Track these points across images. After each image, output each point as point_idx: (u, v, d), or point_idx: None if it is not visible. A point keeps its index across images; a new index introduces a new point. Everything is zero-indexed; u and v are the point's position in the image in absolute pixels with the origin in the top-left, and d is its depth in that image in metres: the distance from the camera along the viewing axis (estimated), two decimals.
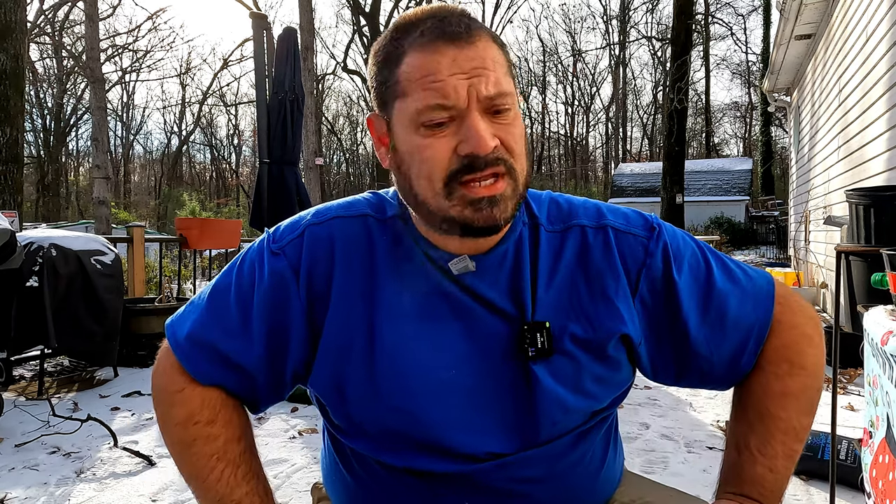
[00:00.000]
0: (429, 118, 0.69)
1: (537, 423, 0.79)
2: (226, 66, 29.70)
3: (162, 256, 7.85)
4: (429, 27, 0.71)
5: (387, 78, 0.73)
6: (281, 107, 4.09)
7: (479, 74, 0.69)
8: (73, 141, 32.46)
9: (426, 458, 0.80)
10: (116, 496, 2.25)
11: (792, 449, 0.84)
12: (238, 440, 0.81)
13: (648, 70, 43.12)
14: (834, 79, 6.23)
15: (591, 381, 0.80)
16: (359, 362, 0.78)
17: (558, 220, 0.84)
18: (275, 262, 0.80)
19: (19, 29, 6.31)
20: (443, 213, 0.72)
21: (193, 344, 0.80)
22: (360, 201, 0.85)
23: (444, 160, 0.70)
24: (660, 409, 3.25)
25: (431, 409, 0.78)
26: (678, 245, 0.84)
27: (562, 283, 0.80)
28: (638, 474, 1.04)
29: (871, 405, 1.46)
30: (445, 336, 0.78)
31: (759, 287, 0.85)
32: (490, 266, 0.79)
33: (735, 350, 0.83)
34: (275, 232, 0.83)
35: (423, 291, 0.79)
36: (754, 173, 25.52)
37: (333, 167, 37.66)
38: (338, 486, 0.91)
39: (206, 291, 0.84)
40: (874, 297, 2.88)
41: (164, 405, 0.82)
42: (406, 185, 0.74)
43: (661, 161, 16.45)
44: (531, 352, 0.77)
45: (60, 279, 3.47)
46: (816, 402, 0.86)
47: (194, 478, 0.80)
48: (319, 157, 10.42)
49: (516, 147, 0.72)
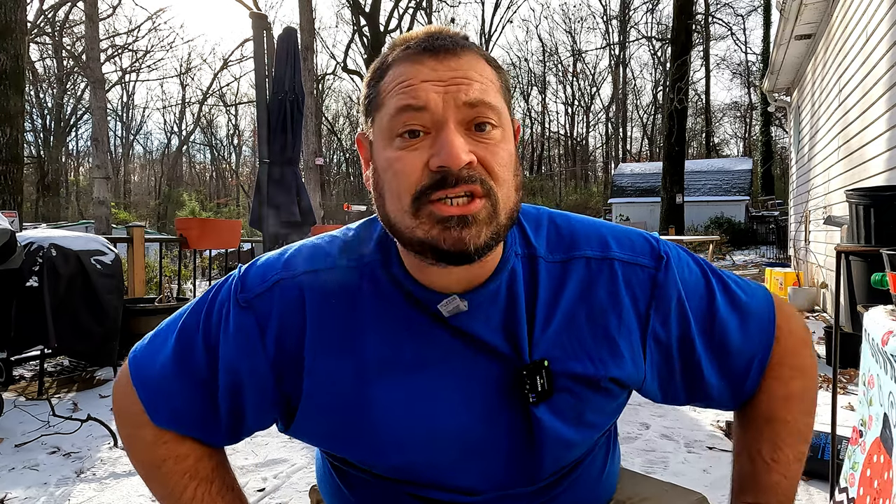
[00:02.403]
0: (400, 123, 0.65)
1: (541, 462, 0.77)
2: (226, 66, 29.72)
3: (162, 256, 7.84)
4: (416, 42, 0.68)
5: (371, 91, 0.70)
6: (281, 107, 4.09)
7: (459, 83, 0.64)
8: (73, 141, 32.51)
9: (427, 491, 0.79)
10: (116, 496, 2.25)
11: (801, 451, 0.85)
12: (209, 456, 0.79)
13: (648, 70, 43.16)
14: (834, 79, 6.23)
15: (593, 412, 0.78)
16: (350, 421, 0.74)
17: (559, 248, 0.78)
18: (241, 316, 0.73)
19: (19, 29, 6.31)
20: (409, 234, 0.65)
21: (158, 393, 0.76)
22: (332, 248, 0.77)
23: (413, 174, 0.64)
24: (660, 409, 3.24)
25: (431, 459, 0.75)
26: (685, 274, 0.81)
27: (563, 318, 0.75)
28: (632, 471, 1.04)
29: (865, 405, 1.46)
30: (438, 383, 0.73)
31: (761, 310, 0.84)
32: (482, 303, 0.72)
33: (740, 375, 0.83)
34: (244, 277, 0.76)
35: (411, 341, 0.73)
36: (754, 173, 25.51)
37: (333, 167, 37.64)
38: (333, 496, 0.90)
39: (172, 327, 0.79)
40: (874, 297, 2.87)
41: (129, 427, 0.79)
42: (381, 206, 0.69)
43: (661, 161, 16.46)
44: (532, 398, 0.73)
45: (60, 279, 3.46)
46: (816, 402, 0.88)
47: (167, 498, 0.78)
48: (319, 157, 10.42)
49: (498, 170, 0.65)
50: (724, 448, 2.66)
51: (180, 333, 0.77)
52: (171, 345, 0.77)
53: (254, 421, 0.77)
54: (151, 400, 0.76)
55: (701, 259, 0.86)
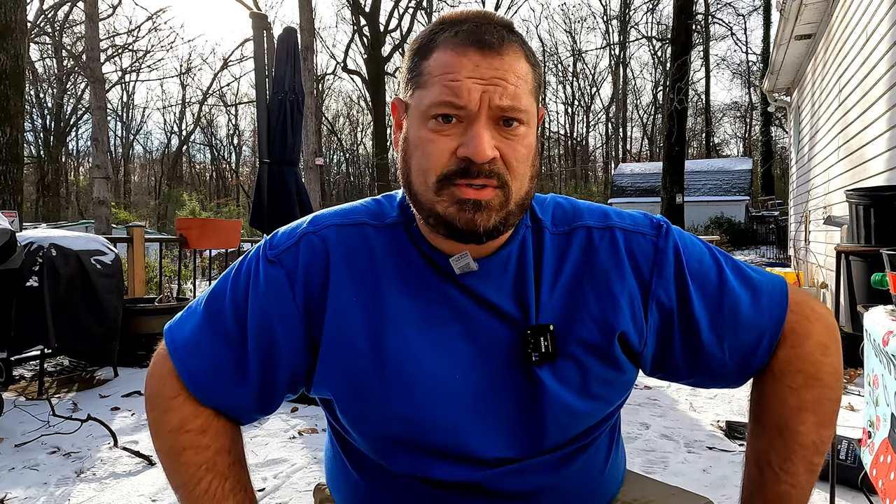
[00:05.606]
0: (438, 112, 0.70)
1: (544, 428, 0.78)
2: (226, 66, 29.68)
3: (162, 256, 7.84)
4: (465, 29, 0.72)
5: (414, 66, 0.74)
6: (281, 107, 4.09)
7: (497, 84, 0.69)
8: (73, 141, 32.53)
9: (431, 461, 0.79)
10: (116, 496, 2.25)
11: (813, 463, 0.82)
12: (228, 451, 0.81)
13: (648, 70, 43.14)
14: (834, 79, 6.23)
15: (598, 384, 0.79)
16: (364, 372, 0.77)
17: (563, 222, 0.83)
18: (271, 269, 0.79)
19: (19, 29, 6.31)
20: (430, 207, 0.72)
21: (190, 351, 0.79)
22: (357, 209, 0.84)
23: (442, 158, 0.71)
24: (660, 409, 3.25)
25: (437, 415, 0.77)
26: (686, 244, 0.83)
27: (567, 286, 0.79)
28: (640, 473, 1.04)
29: (872, 405, 1.45)
30: (450, 342, 0.78)
31: (771, 285, 0.83)
32: (493, 269, 0.78)
33: (748, 349, 0.82)
34: (272, 239, 0.83)
35: (426, 297, 0.78)
36: (754, 173, 25.52)
37: (333, 167, 37.65)
38: (342, 485, 0.91)
39: (203, 297, 0.84)
40: (874, 297, 2.88)
41: (157, 410, 0.81)
42: (405, 172, 0.75)
43: (661, 161, 16.45)
44: (535, 356, 0.76)
45: (60, 279, 3.46)
46: (836, 413, 0.84)
47: (181, 487, 0.80)
48: (319, 157, 10.42)
49: (516, 165, 0.72)
50: (724, 448, 2.66)
51: (210, 298, 0.82)
52: (202, 310, 0.82)
53: (285, 378, 0.80)
54: (183, 360, 0.79)
55: (708, 243, 0.87)
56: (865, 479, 1.73)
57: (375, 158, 26.54)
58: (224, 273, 0.85)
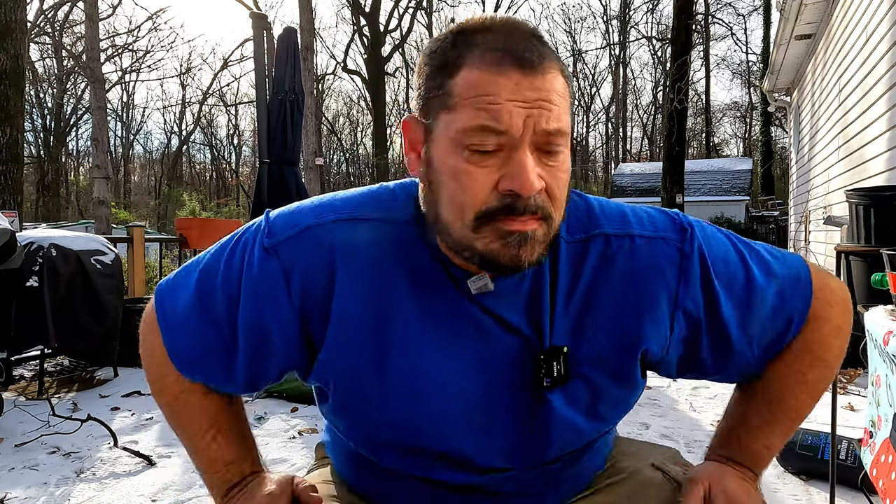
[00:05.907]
0: (475, 141, 0.63)
1: (547, 446, 0.78)
2: (226, 66, 29.68)
3: (162, 256, 7.85)
4: (494, 43, 0.64)
5: (438, 85, 0.66)
6: (281, 107, 4.09)
7: (541, 107, 0.63)
8: (73, 141, 32.45)
9: (431, 462, 0.78)
10: (116, 496, 2.25)
11: (792, 429, 0.84)
12: (229, 403, 0.84)
13: (648, 70, 43.09)
14: (834, 79, 6.23)
15: (607, 404, 0.78)
16: (367, 374, 0.74)
17: (578, 228, 0.77)
18: (266, 261, 0.72)
19: (19, 29, 6.31)
20: (467, 243, 0.66)
21: (179, 331, 0.77)
22: (368, 200, 0.77)
23: (482, 193, 0.64)
24: (660, 409, 3.25)
25: (435, 420, 0.75)
26: (711, 243, 0.79)
27: (583, 300, 0.75)
28: None
29: (874, 405, 1.45)
30: (457, 350, 0.74)
31: (796, 273, 0.81)
32: (508, 287, 0.73)
33: (773, 341, 0.81)
34: (270, 221, 0.76)
35: (437, 305, 0.73)
36: (754, 173, 25.50)
37: (333, 167, 37.62)
38: (339, 455, 0.91)
39: (196, 266, 0.78)
40: (874, 297, 2.87)
41: (154, 368, 0.81)
42: (432, 202, 0.69)
43: (661, 161, 16.43)
44: (546, 382, 0.73)
45: (60, 279, 3.46)
46: (826, 389, 0.85)
47: (186, 438, 0.83)
48: (319, 157, 10.42)
49: (559, 196, 0.67)
50: None
51: (203, 274, 0.77)
52: (194, 286, 0.77)
53: (275, 371, 0.79)
54: (173, 338, 0.78)
55: (726, 231, 0.83)
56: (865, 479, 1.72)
57: (375, 158, 26.54)
58: (217, 246, 0.78)
